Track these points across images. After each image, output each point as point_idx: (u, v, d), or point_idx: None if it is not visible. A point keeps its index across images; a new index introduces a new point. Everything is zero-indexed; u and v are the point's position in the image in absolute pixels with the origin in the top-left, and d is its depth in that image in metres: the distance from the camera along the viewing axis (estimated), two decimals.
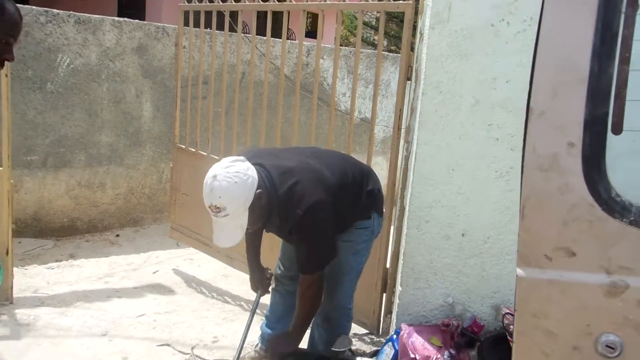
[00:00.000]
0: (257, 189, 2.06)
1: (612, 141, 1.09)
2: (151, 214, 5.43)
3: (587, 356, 1.11)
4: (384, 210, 2.68)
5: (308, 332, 2.55)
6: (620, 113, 1.09)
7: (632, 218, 1.08)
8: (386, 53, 7.42)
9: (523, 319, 1.12)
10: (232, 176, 2.00)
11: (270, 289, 2.74)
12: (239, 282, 4.00)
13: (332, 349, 2.20)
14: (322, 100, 5.88)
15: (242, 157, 2.13)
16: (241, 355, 2.93)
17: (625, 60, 1.09)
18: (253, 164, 2.13)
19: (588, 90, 1.10)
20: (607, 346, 1.10)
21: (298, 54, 3.60)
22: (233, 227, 2.08)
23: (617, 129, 1.09)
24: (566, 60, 1.12)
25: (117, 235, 5.07)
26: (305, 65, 6.10)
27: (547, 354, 1.12)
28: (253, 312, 2.51)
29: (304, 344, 2.54)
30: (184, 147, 4.38)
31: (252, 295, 3.81)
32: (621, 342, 1.10)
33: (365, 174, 2.53)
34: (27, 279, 3.84)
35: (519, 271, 1.12)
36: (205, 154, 4.15)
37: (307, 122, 5.28)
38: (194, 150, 4.27)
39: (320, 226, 2.18)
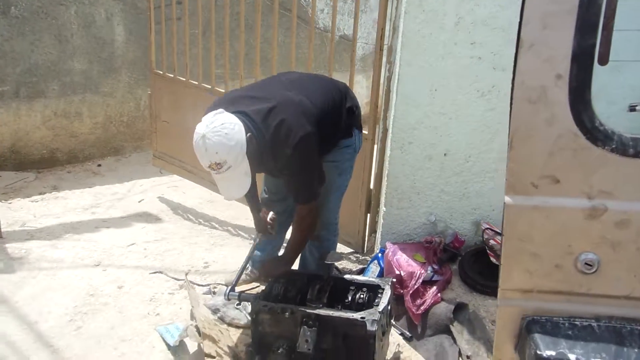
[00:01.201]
0: (247, 133, 2.08)
1: (598, 72, 1.12)
2: (131, 142, 5.38)
3: (567, 273, 1.20)
4: (362, 125, 2.72)
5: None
6: (608, 44, 1.11)
7: (613, 146, 1.13)
8: None
9: (510, 243, 1.20)
10: (219, 129, 2.02)
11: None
12: (225, 207, 4.06)
13: (324, 261, 2.32)
14: (300, 19, 5.70)
15: (220, 110, 2.12)
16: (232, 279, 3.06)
17: None
18: (233, 113, 2.13)
19: (577, 21, 1.11)
20: (585, 263, 1.20)
21: None
22: (238, 177, 2.11)
23: (604, 60, 1.11)
24: None
25: (99, 165, 5.04)
26: None
27: (531, 273, 1.21)
28: (252, 251, 2.59)
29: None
30: (161, 72, 4.27)
31: (239, 220, 3.92)
32: (598, 260, 1.19)
33: (343, 93, 2.53)
34: (12, 213, 3.84)
35: (507, 199, 1.19)
36: (184, 79, 4.07)
37: (286, 42, 5.16)
38: (172, 75, 4.18)
39: (310, 159, 2.24)
